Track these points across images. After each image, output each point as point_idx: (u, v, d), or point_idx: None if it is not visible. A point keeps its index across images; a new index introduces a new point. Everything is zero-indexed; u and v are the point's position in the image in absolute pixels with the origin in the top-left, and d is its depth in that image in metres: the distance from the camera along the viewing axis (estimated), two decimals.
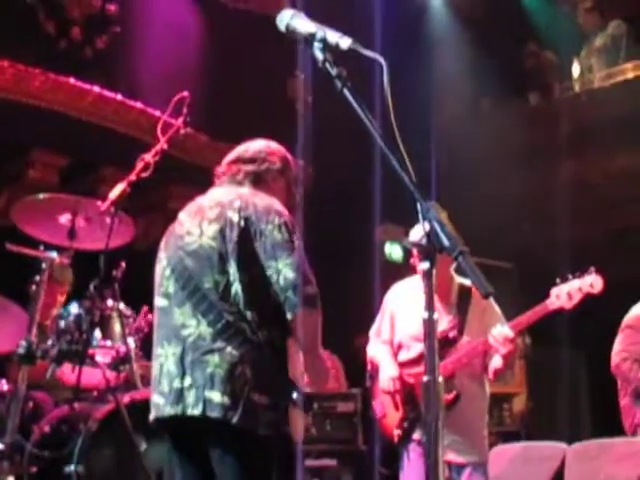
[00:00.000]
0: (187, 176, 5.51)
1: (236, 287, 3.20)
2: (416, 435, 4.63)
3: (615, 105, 9.90)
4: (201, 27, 7.42)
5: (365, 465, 6.95)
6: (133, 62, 6.86)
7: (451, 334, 4.68)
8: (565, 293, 4.53)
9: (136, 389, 4.60)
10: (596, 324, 7.54)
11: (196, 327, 3.20)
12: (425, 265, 2.19)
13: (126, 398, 4.42)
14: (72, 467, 4.24)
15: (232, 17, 7.41)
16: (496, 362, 4.69)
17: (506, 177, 10.04)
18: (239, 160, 3.52)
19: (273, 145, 3.61)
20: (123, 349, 4.67)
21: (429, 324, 2.15)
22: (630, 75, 10.41)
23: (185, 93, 4.54)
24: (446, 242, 2.15)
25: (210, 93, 6.44)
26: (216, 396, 3.11)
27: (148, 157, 4.50)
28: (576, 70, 10.95)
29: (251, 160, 3.51)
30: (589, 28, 10.90)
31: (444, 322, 4.67)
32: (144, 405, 3.44)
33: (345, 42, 2.45)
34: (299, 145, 7.49)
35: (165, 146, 4.52)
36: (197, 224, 3.35)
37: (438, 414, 2.16)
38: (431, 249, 2.18)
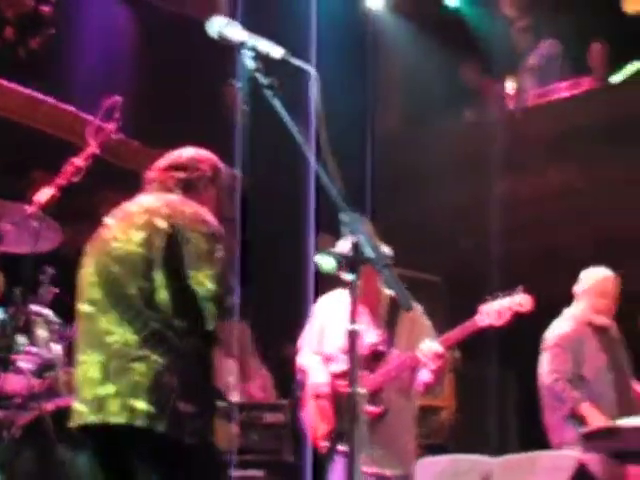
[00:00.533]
0: (118, 182, 5.45)
1: (163, 294, 3.18)
2: (343, 447, 4.64)
3: (548, 123, 10.06)
4: (136, 31, 7.39)
5: (293, 477, 6.95)
6: (67, 64, 6.81)
7: (381, 347, 4.70)
8: (494, 311, 4.59)
9: (61, 396, 4.55)
10: (525, 340, 7.63)
11: (122, 334, 3.18)
12: (350, 276, 2.21)
13: (50, 405, 4.38)
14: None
15: (168, 22, 7.38)
16: (425, 377, 4.73)
17: (441, 191, 10.14)
18: (170, 167, 3.50)
19: (204, 153, 3.59)
20: (48, 356, 4.63)
21: (352, 336, 2.16)
22: (563, 94, 10.58)
23: (117, 97, 4.52)
24: (371, 254, 2.17)
25: (144, 98, 6.41)
26: (141, 405, 3.09)
27: (78, 161, 4.47)
28: (510, 87, 11.10)
29: (182, 167, 3.48)
30: (523, 47, 11.07)
31: (373, 335, 4.69)
32: (68, 413, 3.40)
33: (277, 52, 2.46)
34: (235, 154, 7.49)
35: (96, 150, 4.49)
36: (124, 230, 3.33)
37: (359, 425, 2.16)
38: (356, 261, 2.19)
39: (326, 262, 8.23)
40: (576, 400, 5.45)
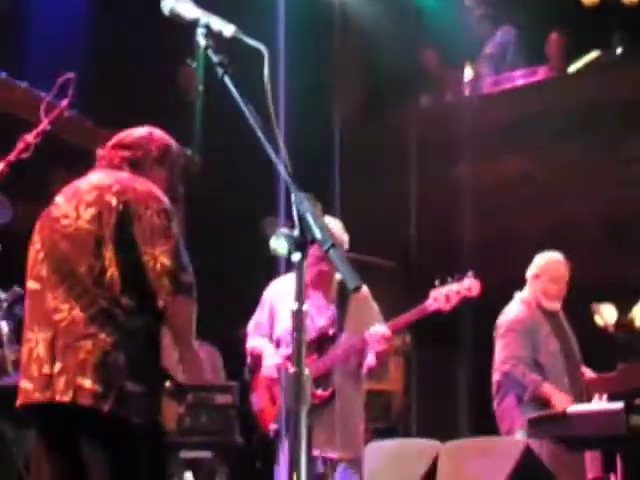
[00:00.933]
0: (70, 160, 5.41)
1: (112, 272, 3.17)
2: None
3: (504, 111, 10.13)
4: (90, 6, 7.32)
5: (242, 459, 6.96)
6: (20, 41, 6.74)
7: (330, 331, 4.72)
8: (443, 295, 4.63)
9: (7, 374, 4.52)
10: (475, 325, 7.70)
11: (69, 312, 3.16)
12: (296, 256, 2.21)
13: None
14: None
15: (125, 6, 7.32)
16: (370, 360, 4.77)
17: (399, 176, 10.17)
18: (117, 145, 3.48)
19: (156, 133, 3.55)
20: None
21: (298, 316, 2.16)
22: (519, 82, 10.66)
23: (71, 74, 4.47)
24: (318, 234, 2.17)
25: (98, 77, 6.35)
26: (88, 383, 3.08)
27: (29, 138, 4.43)
28: (468, 75, 11.17)
29: (128, 146, 3.47)
30: (481, 35, 11.14)
31: (323, 319, 4.71)
32: (14, 391, 3.38)
33: (229, 29, 2.45)
34: (190, 134, 7.48)
35: (48, 127, 4.45)
36: (74, 207, 3.30)
37: (303, 406, 2.17)
38: (303, 240, 2.19)
39: (281, 245, 8.26)
40: (537, 382, 5.48)
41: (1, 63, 6.40)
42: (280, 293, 4.93)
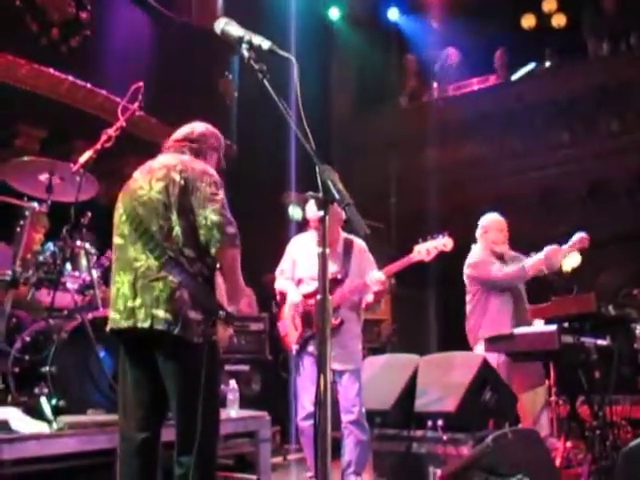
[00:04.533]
0: (139, 149, 5.41)
1: (176, 230, 3.17)
2: (310, 349, 4.67)
3: (463, 110, 10.09)
4: (153, 34, 7.29)
5: (270, 371, 7.01)
6: (100, 58, 6.70)
7: (339, 275, 4.72)
8: (425, 249, 4.62)
9: (98, 309, 4.53)
10: (440, 271, 7.71)
11: (145, 260, 3.17)
12: (320, 212, 2.21)
13: (90, 315, 4.36)
14: (47, 368, 4.18)
15: (177, 27, 7.28)
16: (369, 298, 4.79)
17: (381, 160, 10.16)
18: (185, 139, 3.48)
19: (211, 128, 3.58)
20: (88, 278, 4.60)
21: (322, 257, 2.16)
22: (474, 87, 10.62)
23: (140, 84, 4.45)
24: (337, 195, 2.17)
25: (160, 86, 6.29)
26: (161, 313, 3.09)
27: (110, 132, 4.42)
28: (435, 82, 11.14)
29: (194, 139, 3.48)
30: (436, 55, 11.13)
31: (333, 267, 4.71)
32: (104, 321, 3.39)
33: (266, 44, 2.43)
34: (228, 128, 7.45)
35: (124, 124, 4.44)
36: (148, 181, 3.30)
37: (328, 324, 2.17)
38: (325, 200, 2.19)
39: (296, 212, 8.21)
40: (525, 267, 5.41)
41: (86, 76, 6.40)
42: (300, 246, 4.94)
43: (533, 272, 5.41)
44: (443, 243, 4.64)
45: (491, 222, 5.73)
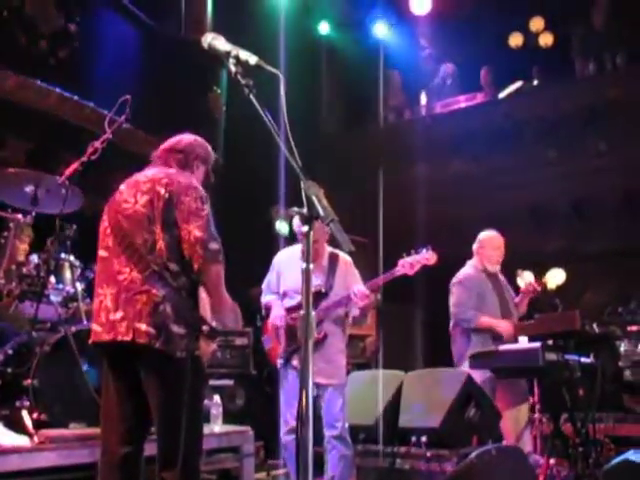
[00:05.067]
0: (126, 162, 5.41)
1: (160, 244, 3.16)
2: (294, 362, 4.66)
3: (451, 127, 10.15)
4: (142, 47, 7.30)
5: (255, 385, 6.99)
6: (87, 70, 6.71)
7: (323, 289, 4.72)
8: (408, 263, 4.64)
9: (81, 322, 4.51)
10: (427, 287, 7.72)
11: (129, 273, 3.16)
12: (305, 228, 2.21)
13: (73, 329, 4.34)
14: (29, 381, 4.16)
15: (164, 41, 7.29)
16: (355, 312, 4.79)
17: (367, 175, 10.18)
18: (172, 149, 3.48)
19: (198, 139, 3.58)
20: (72, 291, 4.58)
21: (306, 272, 2.16)
22: (462, 105, 10.69)
23: (128, 96, 4.45)
24: (321, 211, 2.17)
25: (147, 99, 6.28)
26: (143, 326, 3.08)
27: (97, 144, 4.41)
28: (423, 99, 11.20)
29: (181, 150, 3.48)
30: (429, 69, 11.20)
31: (318, 280, 4.71)
32: (87, 334, 3.37)
33: (253, 59, 2.44)
34: (216, 142, 7.45)
35: (110, 136, 4.43)
36: (133, 194, 3.30)
37: (311, 339, 2.17)
38: (309, 216, 2.19)
39: (283, 227, 8.18)
40: (478, 316, 5.45)
41: (74, 88, 6.39)
42: (285, 259, 4.94)
43: (475, 328, 5.48)
44: (426, 257, 4.66)
45: (487, 238, 5.77)
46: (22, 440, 3.92)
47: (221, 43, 2.52)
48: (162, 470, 3.11)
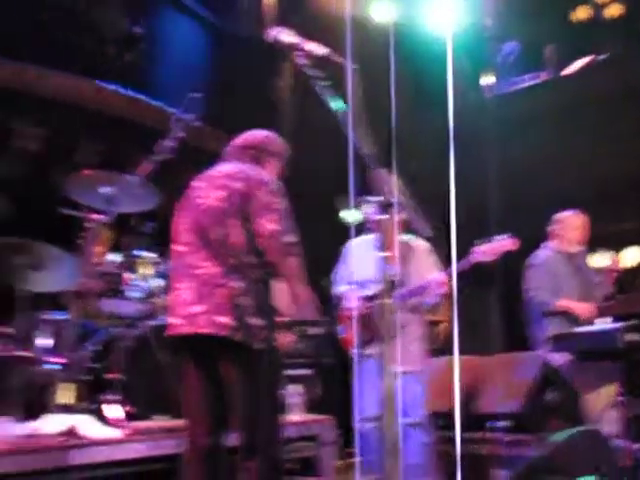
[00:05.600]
0: (196, 158, 5.49)
1: (237, 238, 3.21)
2: (371, 351, 4.66)
3: (518, 106, 9.98)
4: (206, 44, 7.38)
5: (331, 375, 7.01)
6: (155, 71, 6.83)
7: (399, 278, 4.70)
8: (485, 250, 4.59)
9: (160, 317, 4.59)
10: (504, 271, 7.60)
11: (208, 267, 3.21)
12: (380, 216, 2.21)
13: (153, 323, 4.45)
14: (114, 375, 4.29)
15: (229, 37, 7.34)
16: (431, 299, 4.76)
17: (440, 159, 10.02)
18: (245, 146, 3.53)
19: (271, 135, 3.62)
20: (150, 287, 4.66)
21: (382, 260, 2.17)
22: (527, 84, 10.50)
23: (196, 94, 4.51)
24: (397, 199, 2.17)
25: (214, 95, 6.33)
26: (223, 319, 3.13)
27: (168, 143, 4.49)
28: (489, 79, 11.00)
29: (254, 146, 3.52)
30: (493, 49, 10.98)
31: (393, 269, 4.68)
32: (166, 328, 3.44)
33: (320, 50, 2.45)
34: (282, 133, 7.45)
35: (180, 135, 4.50)
36: (207, 190, 3.36)
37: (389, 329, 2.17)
38: (385, 204, 2.20)
39: (351, 216, 8.15)
40: (554, 299, 5.36)
41: (142, 89, 6.52)
42: (357, 248, 4.94)
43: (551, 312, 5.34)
44: (504, 244, 4.59)
45: (566, 218, 5.66)
46: (111, 432, 4.03)
47: (287, 36, 2.53)
48: (245, 460, 3.16)
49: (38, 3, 5.99)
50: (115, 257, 4.64)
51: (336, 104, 2.28)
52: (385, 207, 2.19)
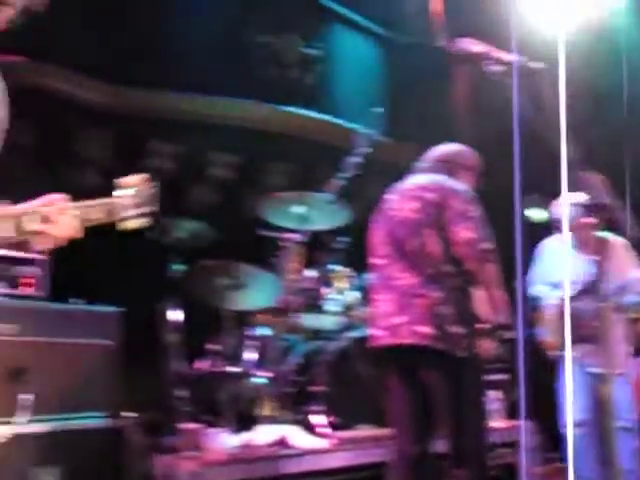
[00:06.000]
0: (381, 170, 5.58)
1: (433, 247, 3.23)
2: (572, 354, 4.50)
3: None
4: (382, 58, 7.45)
5: (530, 378, 6.81)
6: (334, 90, 6.98)
7: (597, 277, 4.52)
8: None
9: (359, 329, 4.67)
10: None
11: (406, 278, 3.25)
12: (589, 219, 2.16)
13: (352, 335, 4.54)
14: (319, 387, 4.42)
15: (403, 49, 7.35)
16: (632, 297, 4.53)
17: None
18: (438, 159, 3.55)
19: (464, 148, 3.62)
20: (348, 300, 4.76)
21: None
22: None
23: (378, 109, 4.57)
24: (606, 201, 2.12)
25: (393, 108, 6.36)
26: (424, 329, 3.16)
27: (355, 159, 4.58)
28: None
29: (447, 161, 3.53)
30: None
31: (591, 269, 4.52)
32: (366, 340, 3.52)
33: (509, 57, 2.43)
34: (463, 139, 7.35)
35: (366, 150, 4.58)
36: (401, 202, 3.40)
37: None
38: (593, 205, 2.15)
39: (539, 215, 7.86)
40: None
41: (324, 109, 6.70)
42: (551, 249, 4.79)
43: None
44: None
45: None
46: (318, 442, 4.16)
47: (475, 45, 2.53)
48: (454, 467, 3.17)
49: (225, 38, 6.31)
50: (311, 273, 4.79)
51: (526, 107, 2.25)
52: (589, 208, 2.14)
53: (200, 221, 4.75)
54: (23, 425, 3.18)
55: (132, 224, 1.95)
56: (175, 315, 4.47)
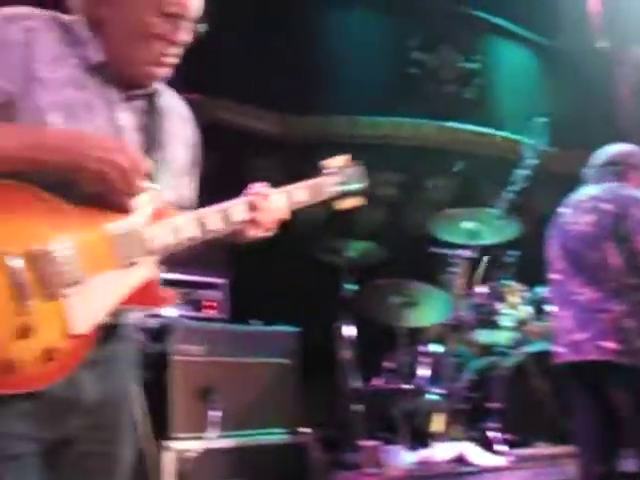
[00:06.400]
0: (549, 180, 5.43)
1: (614, 260, 3.11)
2: None
3: None
4: (539, 66, 7.30)
5: None
6: (494, 103, 6.90)
7: None
8: None
9: (534, 344, 4.57)
10: None
11: (586, 293, 3.16)
12: None
13: (527, 350, 4.45)
14: (495, 404, 4.35)
15: (562, 56, 7.15)
16: None
17: None
18: (605, 163, 3.42)
19: (629, 147, 3.47)
20: (521, 315, 4.68)
21: None
22: None
23: (543, 119, 4.47)
24: None
25: (555, 115, 6.21)
26: (608, 344, 3.06)
27: (523, 171, 4.50)
28: None
29: (615, 163, 3.40)
30: None
31: None
32: (542, 355, 3.44)
33: None
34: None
35: (535, 161, 4.49)
36: (576, 215, 3.31)
37: None
38: None
39: None
40: None
41: (485, 122, 6.62)
42: None
43: None
44: None
45: None
46: (496, 459, 4.10)
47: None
48: None
49: (386, 60, 6.41)
50: (483, 288, 4.75)
51: None
52: None
53: (369, 240, 4.82)
54: (213, 440, 3.33)
55: (347, 204, 1.99)
56: (350, 333, 4.55)
